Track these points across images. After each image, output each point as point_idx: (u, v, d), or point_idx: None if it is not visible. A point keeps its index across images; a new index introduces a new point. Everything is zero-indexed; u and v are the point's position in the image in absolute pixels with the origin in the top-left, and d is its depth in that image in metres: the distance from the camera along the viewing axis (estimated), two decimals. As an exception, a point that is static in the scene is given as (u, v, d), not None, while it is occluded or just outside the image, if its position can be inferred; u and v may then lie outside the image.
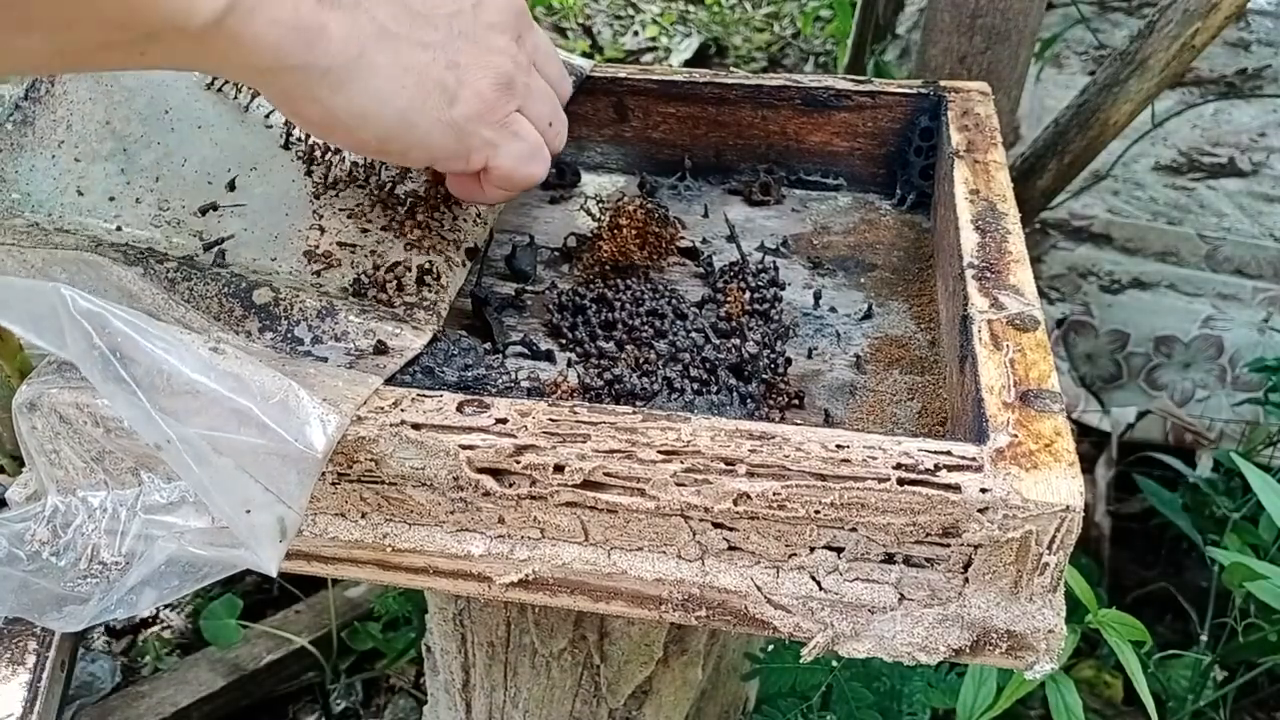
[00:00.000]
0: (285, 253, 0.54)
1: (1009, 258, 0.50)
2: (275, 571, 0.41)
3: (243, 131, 0.57)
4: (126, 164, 0.54)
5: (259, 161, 0.57)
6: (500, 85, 0.47)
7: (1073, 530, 0.37)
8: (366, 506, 0.44)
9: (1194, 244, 1.44)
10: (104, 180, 0.53)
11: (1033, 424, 0.40)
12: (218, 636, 1.25)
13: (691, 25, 2.90)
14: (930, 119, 0.68)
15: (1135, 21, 1.47)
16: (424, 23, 0.43)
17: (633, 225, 0.62)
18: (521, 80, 0.49)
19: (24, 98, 0.52)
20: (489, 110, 0.47)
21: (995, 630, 0.40)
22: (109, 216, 0.52)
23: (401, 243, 0.56)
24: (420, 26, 0.42)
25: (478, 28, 0.45)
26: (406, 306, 0.53)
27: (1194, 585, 1.30)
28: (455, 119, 0.46)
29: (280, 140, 0.58)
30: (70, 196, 0.52)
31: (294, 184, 0.57)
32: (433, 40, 0.43)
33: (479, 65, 0.46)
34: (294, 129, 0.59)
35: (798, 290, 0.63)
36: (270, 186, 0.56)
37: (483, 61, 0.46)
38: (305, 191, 0.57)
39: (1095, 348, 1.49)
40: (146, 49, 0.34)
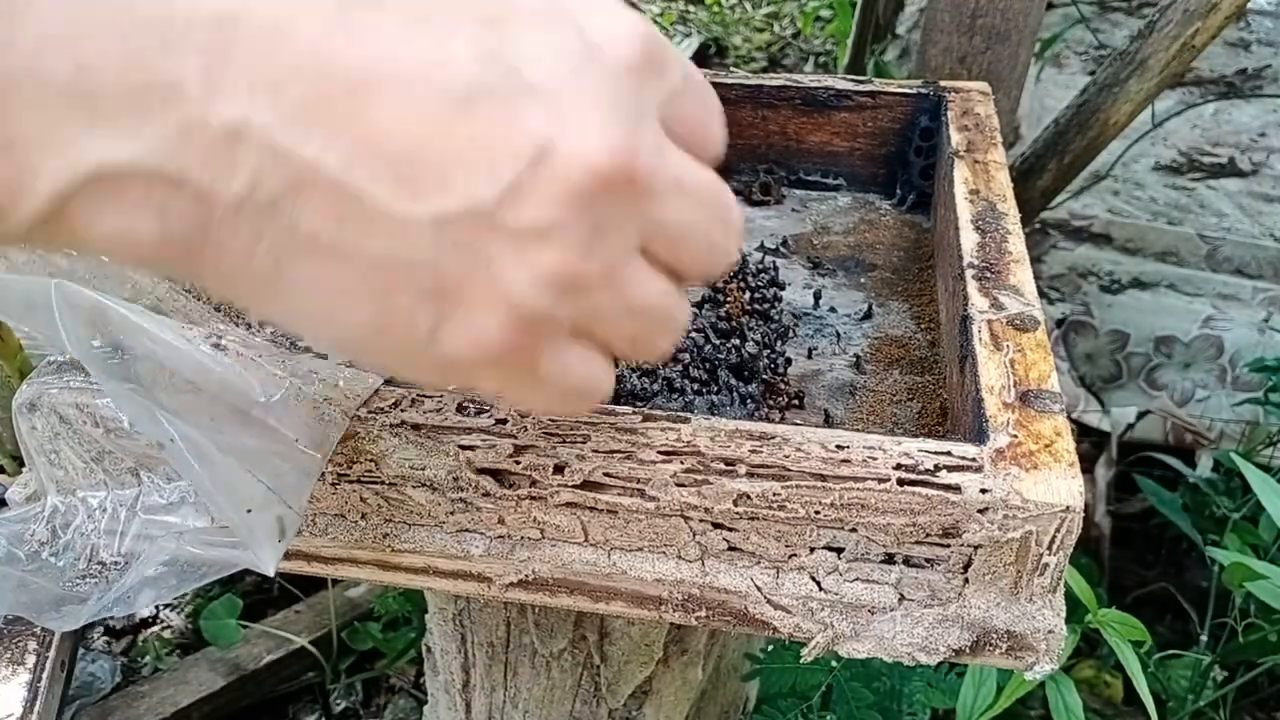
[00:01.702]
0: None
1: (1009, 258, 0.50)
2: (273, 571, 0.40)
3: None
4: None
5: None
6: (518, 326, 0.30)
7: (1073, 530, 0.37)
8: (366, 507, 0.44)
9: (1194, 244, 1.44)
10: None
11: (1033, 424, 0.40)
12: (218, 636, 1.25)
13: (691, 25, 2.91)
14: (930, 119, 0.68)
15: (1135, 21, 1.47)
16: (387, 230, 0.27)
17: (633, 225, 0.62)
18: (578, 305, 0.30)
19: None
20: (494, 358, 0.30)
21: (995, 630, 0.40)
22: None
23: None
24: (377, 235, 0.27)
25: (498, 234, 0.28)
26: None
27: (1194, 585, 1.30)
28: (440, 361, 0.30)
29: None
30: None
31: None
32: (398, 258, 0.28)
33: (485, 296, 0.29)
34: None
35: (798, 290, 0.63)
36: None
37: (492, 289, 0.29)
38: None
39: (1095, 348, 1.49)
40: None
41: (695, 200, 0.31)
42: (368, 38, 0.27)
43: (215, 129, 0.25)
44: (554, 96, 0.28)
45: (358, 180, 0.27)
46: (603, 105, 0.28)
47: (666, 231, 0.31)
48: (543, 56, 0.28)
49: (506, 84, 0.27)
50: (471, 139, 0.27)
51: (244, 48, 0.25)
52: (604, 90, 0.28)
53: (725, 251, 0.33)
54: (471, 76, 0.27)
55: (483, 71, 0.27)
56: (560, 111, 0.28)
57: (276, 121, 0.26)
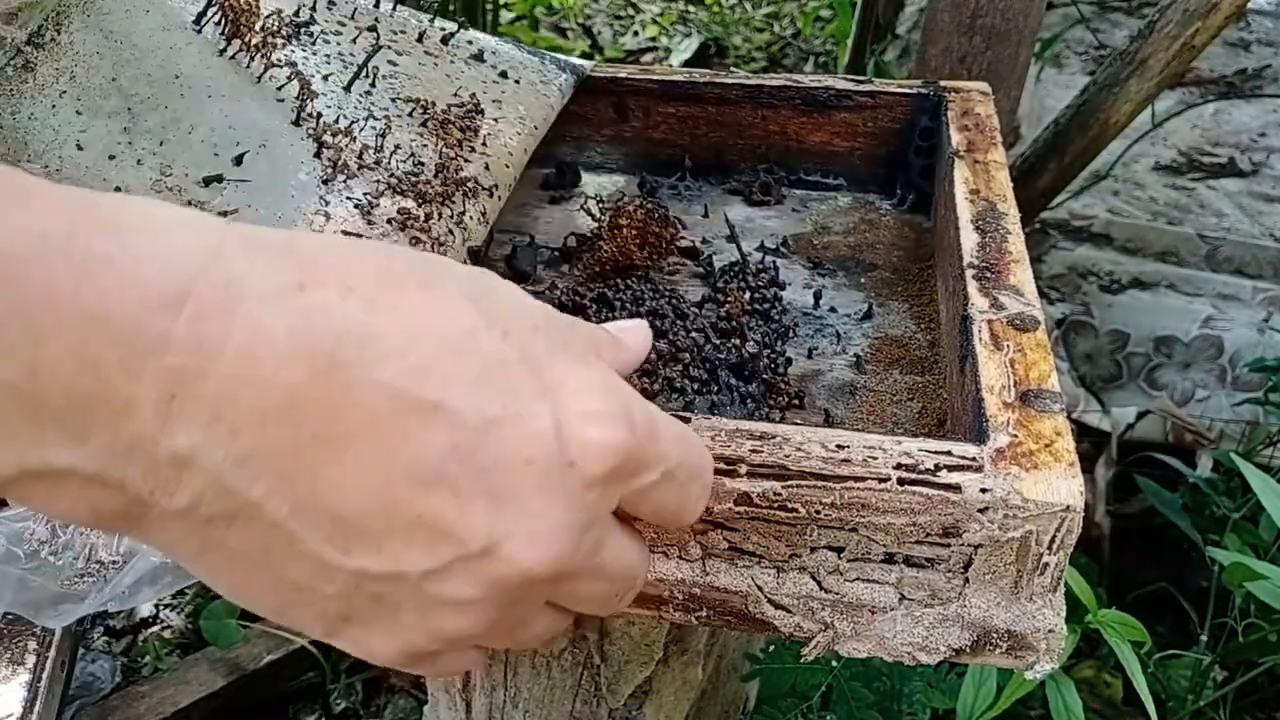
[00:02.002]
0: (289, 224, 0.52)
1: (1009, 258, 0.50)
2: None
3: (255, 105, 0.56)
4: (130, 124, 0.51)
5: (269, 138, 0.55)
6: (405, 658, 0.32)
7: (1073, 530, 0.37)
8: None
9: (1194, 244, 1.44)
10: (105, 137, 0.50)
11: (1033, 424, 0.40)
12: (218, 636, 1.25)
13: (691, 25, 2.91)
14: (930, 119, 0.68)
15: (1135, 21, 1.47)
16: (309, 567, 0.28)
17: (633, 225, 0.62)
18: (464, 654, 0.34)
19: (27, 42, 0.48)
20: (390, 662, 0.32)
21: (995, 630, 0.40)
22: (108, 175, 0.50)
23: (406, 238, 0.56)
24: (298, 567, 0.28)
25: (414, 594, 0.29)
26: None
27: (1194, 585, 1.30)
28: (344, 643, 0.32)
29: (291, 116, 0.57)
30: (69, 150, 0.49)
31: (303, 166, 0.55)
32: (311, 588, 0.29)
33: (383, 630, 0.31)
34: (305, 105, 0.57)
35: (798, 290, 0.63)
36: (278, 167, 0.55)
37: (392, 628, 0.30)
38: (314, 176, 0.55)
39: (1095, 348, 1.49)
40: None
41: (608, 581, 0.34)
42: (351, 393, 0.26)
43: (163, 453, 0.25)
44: (511, 505, 0.29)
45: (295, 527, 0.27)
46: (554, 519, 0.29)
47: (575, 596, 0.33)
48: (514, 465, 0.28)
49: (470, 482, 0.28)
50: (418, 518, 0.28)
51: (213, 382, 0.25)
52: (561, 504, 0.29)
53: (614, 610, 0.36)
54: (438, 466, 0.28)
55: (450, 465, 0.28)
56: (512, 519, 0.29)
57: (226, 461, 0.26)
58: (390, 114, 0.59)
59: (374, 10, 0.65)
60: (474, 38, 0.68)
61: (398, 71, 0.62)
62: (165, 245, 0.25)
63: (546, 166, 0.75)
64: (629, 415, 0.30)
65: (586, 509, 0.30)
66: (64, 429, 0.24)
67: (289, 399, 0.26)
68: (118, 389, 0.24)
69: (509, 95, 0.66)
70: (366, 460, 0.27)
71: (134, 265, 0.24)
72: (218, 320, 0.25)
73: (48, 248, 0.23)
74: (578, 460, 0.29)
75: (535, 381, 0.29)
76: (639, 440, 0.30)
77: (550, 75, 0.69)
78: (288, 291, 0.26)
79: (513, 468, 0.28)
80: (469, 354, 0.28)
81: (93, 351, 0.24)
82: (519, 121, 0.65)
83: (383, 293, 0.28)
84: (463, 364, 0.28)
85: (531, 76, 0.68)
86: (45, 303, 0.23)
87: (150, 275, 0.24)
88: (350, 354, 0.26)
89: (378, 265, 0.29)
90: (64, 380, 0.24)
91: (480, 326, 0.29)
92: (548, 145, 0.72)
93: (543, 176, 0.75)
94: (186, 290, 0.25)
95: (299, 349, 0.26)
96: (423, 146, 0.59)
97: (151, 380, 0.24)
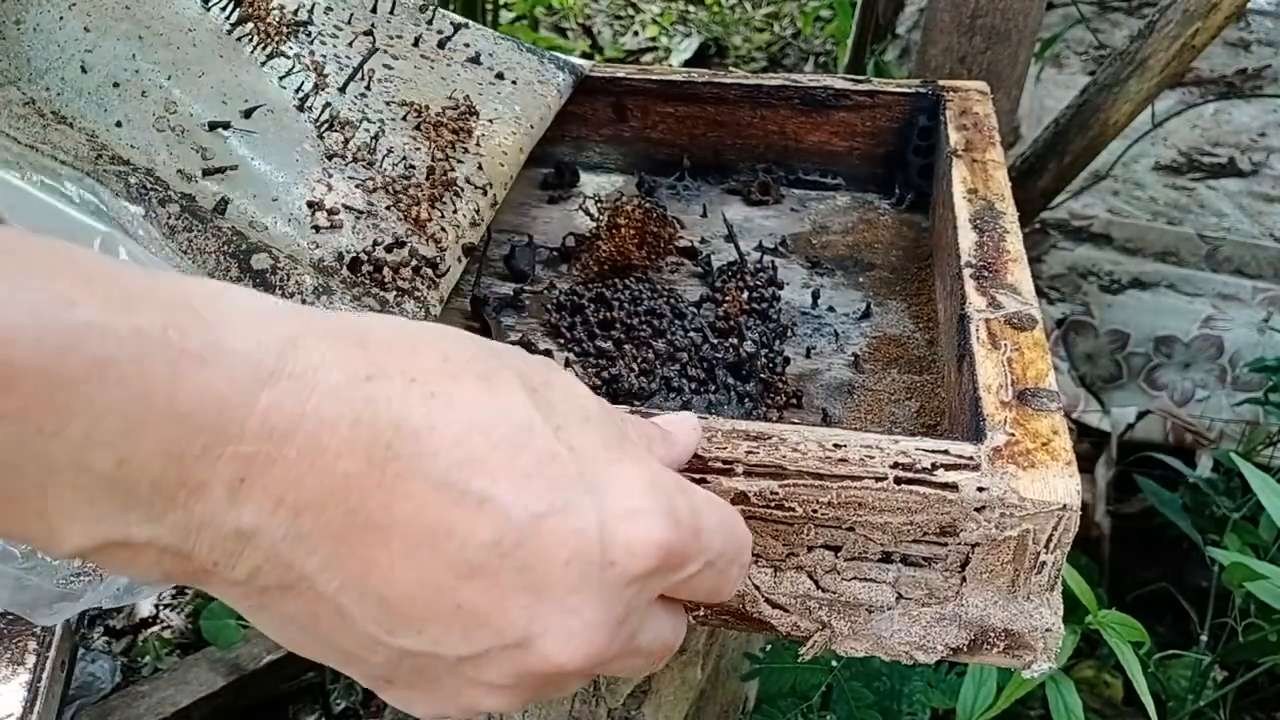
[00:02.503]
0: (289, 196, 0.52)
1: (1007, 257, 0.50)
2: None
3: (259, 82, 0.55)
4: (140, 51, 0.49)
5: (275, 109, 0.55)
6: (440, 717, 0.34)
7: (1070, 529, 0.37)
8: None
9: (1194, 244, 1.44)
10: (112, 62, 0.48)
11: (1030, 423, 0.40)
12: (218, 636, 1.25)
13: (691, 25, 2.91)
14: (929, 118, 0.68)
15: (1135, 21, 1.47)
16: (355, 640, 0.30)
17: (631, 225, 0.62)
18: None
19: None
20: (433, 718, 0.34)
21: (993, 629, 0.40)
22: (110, 107, 0.48)
23: (404, 225, 0.56)
24: (344, 638, 0.30)
25: (451, 674, 0.31)
26: (399, 293, 0.52)
27: (1194, 585, 1.30)
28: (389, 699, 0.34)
29: (295, 101, 0.57)
30: (73, 71, 0.48)
31: (308, 139, 0.55)
32: (356, 656, 0.31)
33: (423, 697, 0.33)
34: (309, 96, 0.57)
35: (796, 289, 0.63)
36: (285, 131, 0.54)
37: (431, 697, 0.33)
38: (319, 149, 0.55)
39: (1095, 348, 1.49)
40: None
41: (644, 658, 0.35)
42: (403, 483, 0.28)
43: (229, 530, 0.27)
44: (549, 601, 0.30)
45: (344, 601, 0.29)
46: (590, 618, 0.30)
47: (608, 671, 0.34)
48: (554, 563, 0.29)
49: (510, 576, 0.29)
50: (457, 607, 0.29)
51: (280, 467, 0.27)
52: (599, 602, 0.30)
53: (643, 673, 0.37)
54: (480, 559, 0.29)
55: (492, 558, 0.29)
56: (548, 615, 0.30)
57: (286, 538, 0.27)
58: (384, 117, 0.59)
59: (371, 15, 0.65)
60: (472, 39, 0.68)
61: (393, 75, 0.62)
62: (250, 339, 0.27)
63: (545, 166, 0.75)
64: (673, 512, 0.31)
65: (625, 604, 0.31)
66: (145, 510, 0.26)
67: (346, 485, 0.27)
68: (196, 475, 0.26)
69: (505, 96, 0.66)
70: (412, 548, 0.28)
71: (222, 360, 0.26)
72: (290, 410, 0.27)
73: (146, 349, 0.25)
74: (619, 560, 0.30)
75: (583, 478, 0.30)
76: (682, 537, 0.31)
77: (548, 75, 0.69)
78: (355, 382, 0.28)
79: (553, 565, 0.29)
80: (520, 448, 0.29)
81: (180, 445, 0.26)
82: (514, 122, 0.65)
83: (442, 384, 0.29)
84: (513, 458, 0.29)
85: (528, 76, 0.68)
86: (141, 402, 0.25)
87: (236, 370, 0.26)
88: (406, 446, 0.28)
89: (441, 356, 0.30)
90: (152, 471, 0.26)
91: (534, 421, 0.30)
92: (546, 145, 0.72)
93: (541, 176, 0.75)
94: (264, 382, 0.26)
95: (359, 439, 0.27)
96: (415, 150, 0.59)
97: (226, 465, 0.26)
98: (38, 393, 0.24)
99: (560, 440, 0.30)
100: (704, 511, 0.32)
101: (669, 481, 0.32)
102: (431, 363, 0.29)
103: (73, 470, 0.25)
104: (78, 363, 0.24)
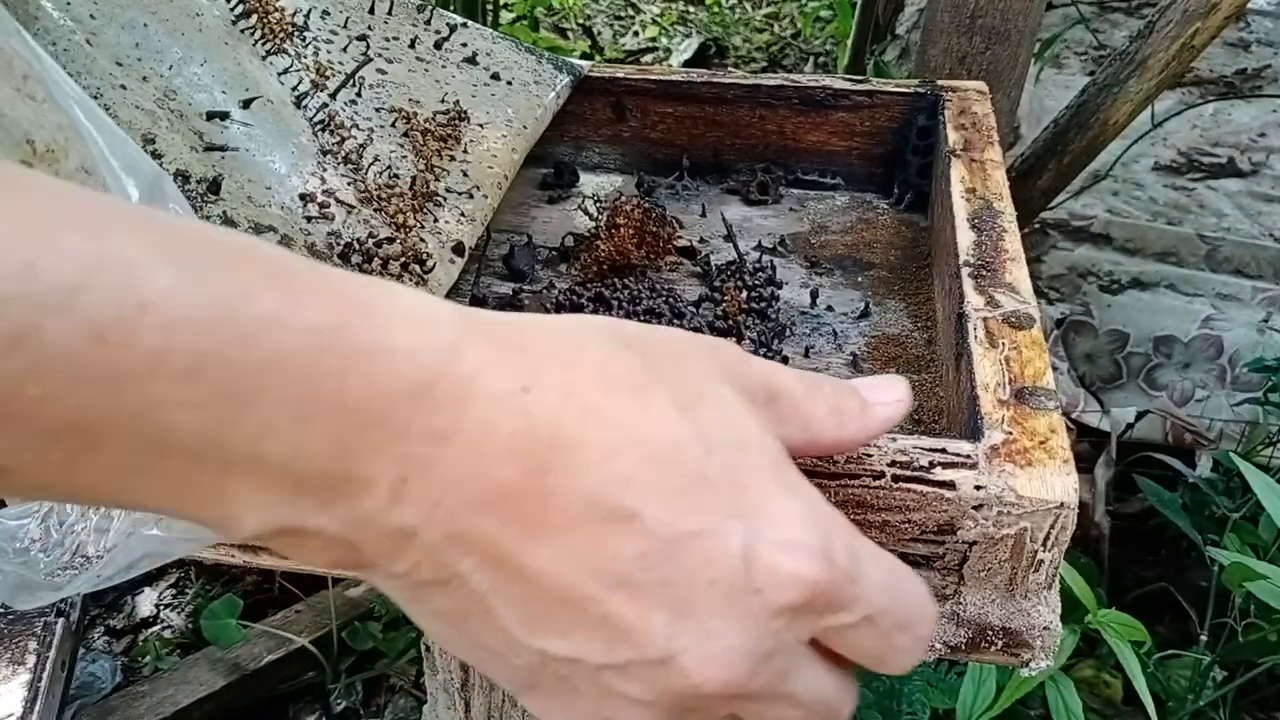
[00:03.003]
0: (283, 186, 0.52)
1: (1005, 256, 0.50)
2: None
3: (259, 73, 0.56)
4: (143, 39, 0.50)
5: (273, 100, 0.56)
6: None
7: (1067, 526, 0.37)
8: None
9: (1193, 244, 1.44)
10: (115, 46, 0.49)
11: (1027, 421, 0.40)
12: (218, 636, 1.25)
13: (691, 26, 2.91)
14: (927, 118, 0.68)
15: (1135, 22, 1.47)
16: (500, 639, 0.30)
17: (630, 225, 0.62)
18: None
19: None
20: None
21: (991, 627, 0.41)
22: (109, 80, 0.49)
23: (389, 229, 0.56)
24: (489, 636, 0.31)
25: (591, 682, 0.31)
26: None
27: (1194, 585, 1.30)
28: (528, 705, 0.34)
29: (292, 98, 0.57)
30: (78, 40, 0.48)
31: (305, 132, 0.56)
32: (500, 656, 0.31)
33: (560, 706, 0.33)
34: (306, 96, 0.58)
35: (795, 289, 0.63)
36: (283, 124, 0.55)
37: (568, 707, 0.32)
38: (315, 144, 0.56)
39: (1095, 348, 1.49)
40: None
41: (802, 710, 0.32)
42: (556, 495, 0.28)
43: (390, 527, 0.28)
44: (690, 621, 0.29)
45: (493, 602, 0.30)
46: (732, 642, 0.30)
47: (761, 716, 0.32)
48: (697, 583, 0.29)
49: (654, 591, 0.29)
50: (602, 617, 0.29)
51: (440, 469, 0.28)
52: (741, 628, 0.30)
53: None
54: (626, 572, 0.29)
55: (638, 572, 0.29)
56: (689, 634, 0.29)
57: (443, 538, 0.28)
58: (374, 124, 0.60)
59: (369, 17, 0.65)
60: (470, 39, 0.68)
61: (385, 80, 0.63)
62: (415, 340, 0.28)
63: (544, 166, 0.75)
64: (827, 550, 0.30)
65: (771, 636, 0.30)
66: (315, 499, 0.27)
67: (501, 492, 0.28)
68: (361, 470, 0.27)
69: (499, 98, 0.66)
70: (562, 556, 0.29)
71: (389, 359, 0.27)
72: (451, 414, 0.27)
73: (320, 343, 0.26)
74: (764, 588, 0.29)
75: (732, 502, 0.30)
76: (833, 577, 0.30)
77: (545, 75, 0.69)
78: (514, 393, 0.28)
79: (696, 585, 0.29)
80: (671, 466, 0.29)
81: (348, 439, 0.27)
82: (506, 125, 0.65)
83: (598, 399, 0.29)
84: (663, 476, 0.29)
85: (525, 77, 0.68)
86: (314, 395, 0.26)
87: (401, 369, 0.27)
88: (560, 459, 0.28)
89: (597, 369, 0.30)
90: (321, 462, 0.27)
91: (686, 439, 0.30)
92: (545, 145, 0.72)
93: (540, 176, 0.75)
94: (429, 385, 0.27)
95: (516, 449, 0.28)
96: (401, 158, 0.60)
97: (390, 464, 0.27)
98: (221, 383, 0.25)
99: (712, 461, 0.30)
100: (866, 560, 0.31)
101: (828, 517, 0.31)
102: (588, 377, 0.30)
103: (249, 459, 0.26)
104: (257, 355, 0.25)
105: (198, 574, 1.42)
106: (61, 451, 0.25)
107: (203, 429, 0.25)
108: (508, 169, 0.64)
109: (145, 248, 0.25)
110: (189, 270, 0.25)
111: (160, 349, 0.24)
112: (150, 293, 0.24)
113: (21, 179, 0.24)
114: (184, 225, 0.26)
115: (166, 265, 0.25)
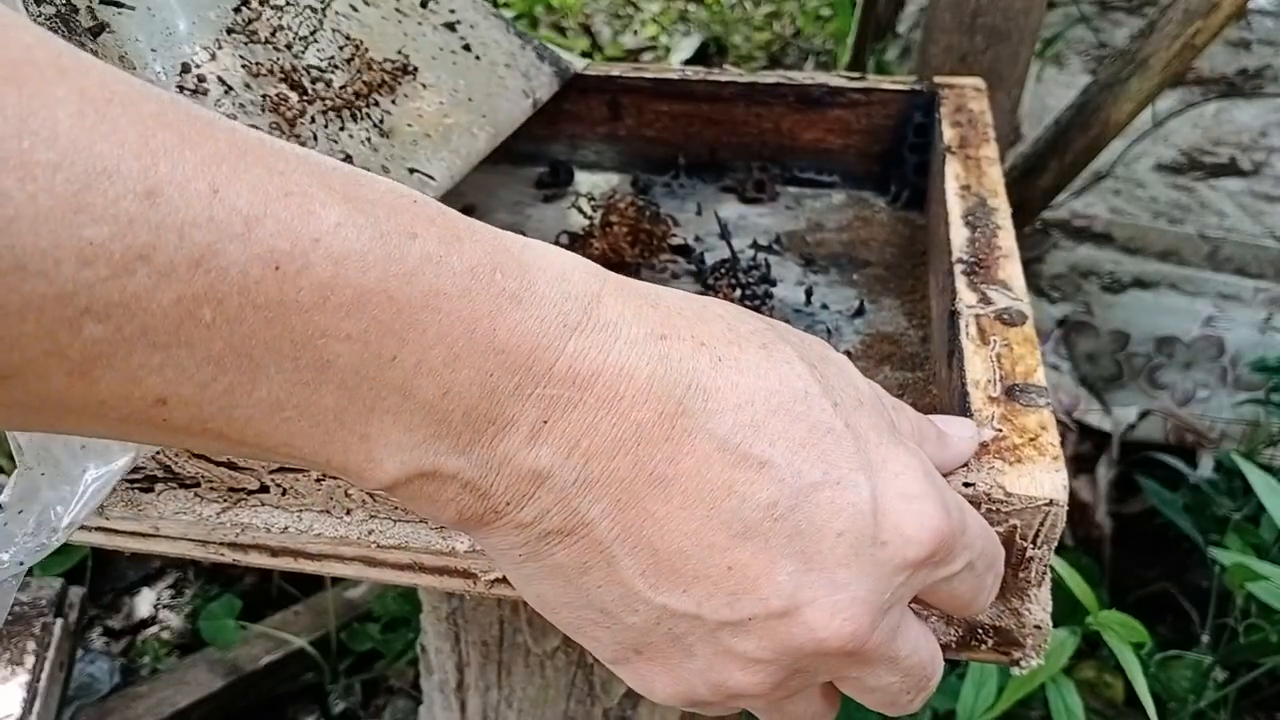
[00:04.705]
0: (170, 52, 0.49)
1: (998, 253, 0.50)
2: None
3: None
4: None
5: None
6: (680, 699, 0.33)
7: (1057, 524, 0.37)
8: (351, 503, 0.44)
9: (1195, 244, 1.43)
10: None
11: (1018, 418, 0.39)
12: (216, 637, 1.25)
13: (691, 24, 2.91)
14: (924, 115, 0.68)
15: (1136, 21, 1.47)
16: (619, 594, 0.31)
17: (624, 223, 0.62)
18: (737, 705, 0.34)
19: None
20: (667, 701, 0.34)
21: (981, 626, 0.40)
22: None
23: (268, 119, 0.52)
24: (608, 592, 0.31)
25: (709, 641, 0.31)
26: None
27: (1195, 585, 1.29)
28: (628, 674, 0.34)
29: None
30: None
31: (217, 8, 0.52)
32: (614, 614, 0.31)
33: (668, 670, 0.32)
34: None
35: (790, 287, 0.63)
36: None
37: (678, 670, 0.32)
38: (223, 20, 0.52)
39: (1096, 348, 1.48)
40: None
41: (901, 675, 0.33)
42: (689, 439, 0.29)
43: (525, 469, 0.29)
44: (817, 571, 0.30)
45: (618, 552, 0.30)
46: (858, 594, 0.30)
47: (863, 684, 0.33)
48: (826, 533, 0.29)
49: (782, 541, 0.29)
50: (728, 569, 0.29)
51: (579, 412, 0.28)
52: (867, 581, 0.30)
53: (903, 710, 0.35)
54: (755, 520, 0.29)
55: (767, 520, 0.29)
56: (817, 585, 0.30)
57: (576, 482, 0.29)
58: (325, 38, 0.56)
59: None
60: (459, 6, 0.64)
61: (354, 15, 0.59)
62: (559, 288, 0.28)
63: (540, 165, 0.75)
64: (945, 503, 0.31)
65: (891, 590, 0.31)
66: (456, 440, 0.28)
67: (636, 435, 0.29)
68: (505, 411, 0.28)
69: (459, 68, 0.62)
70: (692, 503, 0.29)
71: (536, 304, 0.28)
72: (593, 359, 0.28)
73: (476, 285, 0.27)
74: (890, 541, 0.30)
75: (858, 455, 0.30)
76: (952, 528, 0.31)
77: (521, 62, 0.66)
78: (651, 339, 0.29)
79: (825, 535, 0.29)
80: (799, 417, 0.30)
81: (494, 379, 0.27)
82: (451, 93, 0.62)
83: (729, 350, 0.30)
84: (792, 426, 0.30)
85: (497, 57, 0.64)
86: (467, 334, 0.27)
87: (548, 315, 0.28)
88: (695, 403, 0.29)
89: (726, 325, 0.31)
90: (467, 401, 0.27)
91: (814, 392, 0.30)
92: (541, 144, 0.72)
93: (536, 175, 0.75)
94: (573, 329, 0.28)
95: (655, 391, 0.29)
96: (335, 69, 0.56)
97: (533, 405, 0.28)
98: (381, 317, 0.26)
99: (838, 415, 0.30)
100: (969, 511, 0.33)
101: (939, 476, 0.32)
102: (718, 330, 0.31)
103: (399, 395, 0.27)
104: (417, 292, 0.26)
105: (196, 575, 1.42)
106: (224, 382, 0.25)
107: (359, 363, 0.26)
108: (432, 132, 0.60)
109: (319, 185, 0.26)
110: (358, 208, 0.26)
111: (328, 281, 0.25)
112: (323, 227, 0.25)
113: (200, 115, 0.25)
114: (351, 170, 0.27)
115: (338, 202, 0.25)
